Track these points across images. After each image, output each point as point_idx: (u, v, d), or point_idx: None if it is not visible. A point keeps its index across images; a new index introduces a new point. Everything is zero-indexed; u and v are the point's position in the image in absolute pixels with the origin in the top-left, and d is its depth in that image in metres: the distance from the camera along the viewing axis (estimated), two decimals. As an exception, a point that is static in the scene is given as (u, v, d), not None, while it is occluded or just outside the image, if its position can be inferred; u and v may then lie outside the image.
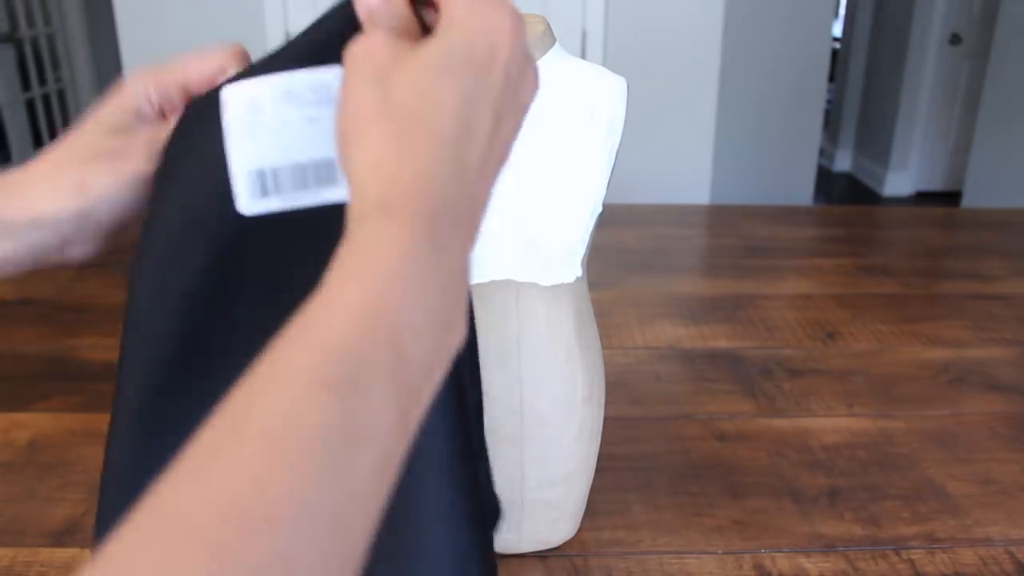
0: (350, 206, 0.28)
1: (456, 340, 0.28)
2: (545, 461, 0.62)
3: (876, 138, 4.72)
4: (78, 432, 0.81)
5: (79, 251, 0.38)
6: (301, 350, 0.24)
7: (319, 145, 0.33)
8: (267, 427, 0.22)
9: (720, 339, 1.03)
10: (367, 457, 0.23)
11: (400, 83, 0.29)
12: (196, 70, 0.38)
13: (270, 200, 0.33)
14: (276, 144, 0.33)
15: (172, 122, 0.38)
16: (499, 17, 0.30)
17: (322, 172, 0.33)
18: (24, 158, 4.12)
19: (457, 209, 0.28)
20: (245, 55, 0.39)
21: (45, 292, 1.15)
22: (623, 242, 1.38)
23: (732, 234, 1.44)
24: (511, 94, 0.31)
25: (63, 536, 0.67)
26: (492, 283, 0.58)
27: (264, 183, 0.33)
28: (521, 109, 0.32)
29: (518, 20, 0.31)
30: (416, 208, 0.27)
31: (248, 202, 0.33)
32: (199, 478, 0.21)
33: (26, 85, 3.72)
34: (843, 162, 5.14)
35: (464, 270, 0.28)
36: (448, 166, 0.28)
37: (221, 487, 0.21)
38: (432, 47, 0.29)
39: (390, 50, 0.30)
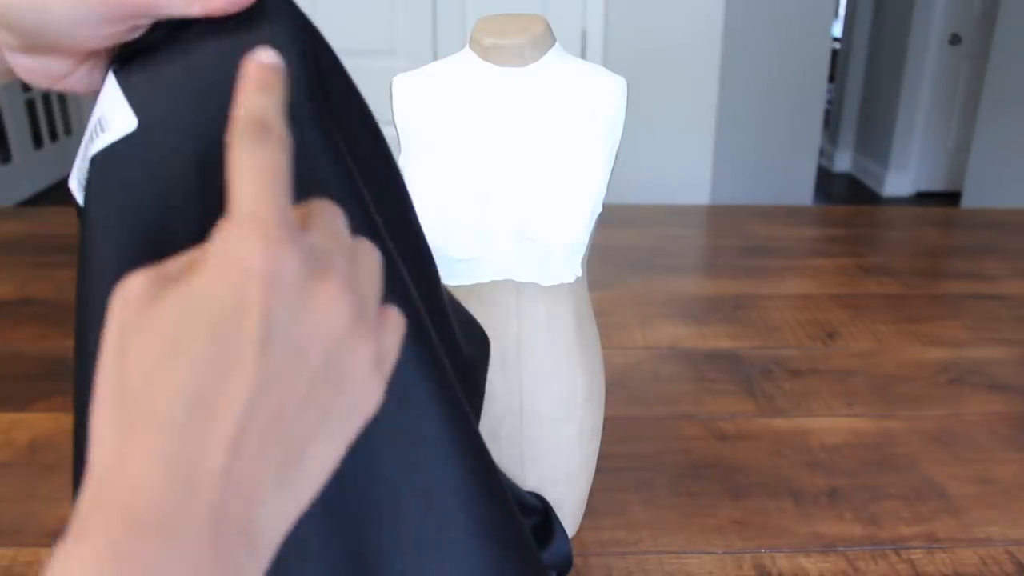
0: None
1: None
2: (545, 461, 0.62)
3: (876, 138, 4.72)
4: (78, 432, 0.81)
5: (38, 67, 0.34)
6: None
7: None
8: None
9: (720, 339, 1.03)
10: None
11: (134, 351, 0.22)
12: None
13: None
14: None
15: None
16: (254, 254, 0.23)
17: None
18: (24, 158, 4.12)
19: (182, 521, 0.21)
20: None
21: (45, 292, 1.15)
22: (623, 242, 1.38)
23: (732, 234, 1.44)
24: (299, 366, 0.23)
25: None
26: (492, 283, 0.58)
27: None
28: (339, 384, 0.24)
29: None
30: (109, 526, 0.21)
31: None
32: None
33: (26, 85, 3.71)
34: (843, 162, 5.14)
35: None
36: (170, 466, 0.21)
37: None
38: (174, 293, 0.23)
39: (149, 291, 0.23)
